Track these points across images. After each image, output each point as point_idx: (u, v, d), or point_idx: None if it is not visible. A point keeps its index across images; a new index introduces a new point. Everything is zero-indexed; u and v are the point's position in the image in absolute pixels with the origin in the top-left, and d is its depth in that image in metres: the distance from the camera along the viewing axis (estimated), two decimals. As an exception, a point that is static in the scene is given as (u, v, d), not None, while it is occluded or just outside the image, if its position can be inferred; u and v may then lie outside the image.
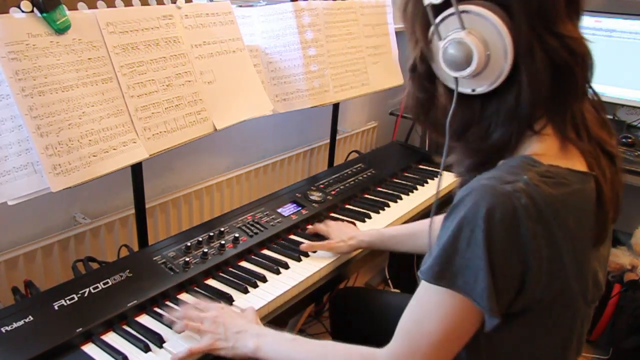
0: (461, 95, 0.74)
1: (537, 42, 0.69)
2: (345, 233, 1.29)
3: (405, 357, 0.75)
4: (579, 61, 0.70)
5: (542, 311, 0.73)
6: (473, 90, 0.73)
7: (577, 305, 0.76)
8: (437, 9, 0.72)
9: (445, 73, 0.74)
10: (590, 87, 0.76)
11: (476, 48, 0.70)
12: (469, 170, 0.79)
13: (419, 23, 0.76)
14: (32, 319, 0.94)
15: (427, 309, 0.74)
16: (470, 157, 0.79)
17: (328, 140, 2.02)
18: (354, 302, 1.39)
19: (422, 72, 0.79)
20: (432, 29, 0.74)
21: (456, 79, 0.73)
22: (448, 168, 0.85)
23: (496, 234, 0.66)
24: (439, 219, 0.90)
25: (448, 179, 1.79)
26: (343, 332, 1.37)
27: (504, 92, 0.71)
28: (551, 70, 0.69)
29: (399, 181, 1.74)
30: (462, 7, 0.70)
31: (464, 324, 0.73)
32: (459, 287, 0.69)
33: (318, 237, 1.33)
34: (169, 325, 0.99)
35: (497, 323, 0.70)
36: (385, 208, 1.54)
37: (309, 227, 1.37)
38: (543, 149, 0.73)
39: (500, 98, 0.72)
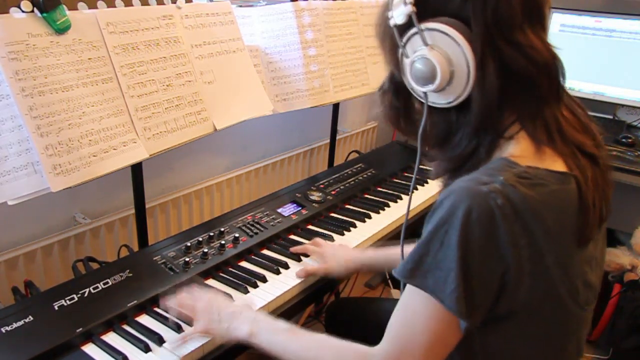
0: (437, 109, 0.77)
1: (491, 52, 0.70)
2: (342, 256, 1.22)
3: (396, 356, 0.75)
4: (541, 69, 0.72)
5: (531, 315, 0.73)
6: (449, 103, 0.75)
7: (569, 308, 0.76)
8: (404, 29, 0.75)
9: (416, 88, 0.77)
10: (565, 93, 0.77)
11: (438, 62, 0.72)
12: (444, 173, 0.82)
13: (388, 43, 0.80)
14: (32, 319, 0.94)
15: (411, 310, 0.74)
16: (445, 163, 0.82)
17: (328, 140, 2.02)
18: (347, 313, 1.38)
19: (393, 88, 0.83)
20: (400, 49, 0.77)
21: (425, 93, 0.76)
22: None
23: (472, 234, 0.67)
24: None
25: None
26: None
27: (472, 102, 0.73)
28: (508, 80, 0.71)
29: (399, 181, 1.74)
30: (425, 25, 0.73)
31: (447, 326, 0.72)
32: (429, 287, 0.70)
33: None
34: (168, 325, 0.99)
35: (467, 326, 0.70)
36: (385, 208, 1.54)
37: (293, 248, 1.26)
38: (520, 150, 0.74)
39: (469, 108, 0.74)
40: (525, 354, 0.77)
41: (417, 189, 1.69)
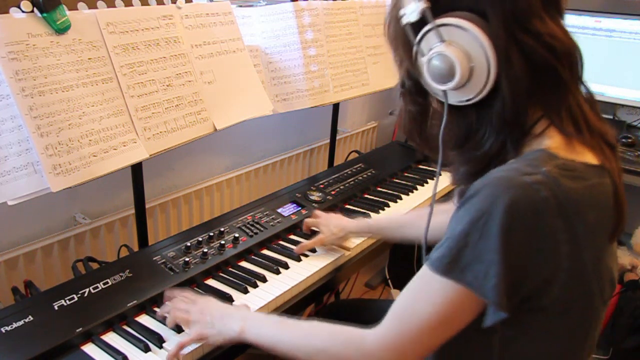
0: (455, 107, 0.74)
1: (513, 45, 0.68)
2: (335, 225, 1.29)
3: (393, 338, 0.74)
4: (560, 57, 0.70)
5: (561, 311, 0.71)
6: (468, 101, 0.73)
7: (595, 305, 0.74)
8: (417, 27, 0.73)
9: (434, 87, 0.74)
10: (582, 82, 0.76)
11: (457, 58, 0.70)
12: (465, 178, 0.79)
13: (401, 42, 0.77)
14: (32, 319, 0.94)
15: (426, 294, 0.72)
16: (464, 166, 0.79)
17: (328, 140, 2.02)
18: (343, 317, 1.38)
19: (411, 89, 0.80)
20: (414, 47, 0.75)
21: (445, 91, 0.73)
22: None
23: (514, 227, 0.64)
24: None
25: (447, 180, 1.79)
26: None
27: (493, 98, 0.71)
28: (532, 71, 0.69)
29: (399, 181, 1.74)
30: (439, 21, 0.71)
31: (461, 314, 0.71)
32: (468, 282, 0.67)
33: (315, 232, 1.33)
34: (164, 322, 0.99)
35: (503, 318, 0.68)
36: (385, 208, 1.54)
37: (304, 225, 1.36)
38: (555, 143, 0.72)
39: (491, 105, 0.72)
40: (545, 350, 0.75)
41: (417, 189, 1.69)
